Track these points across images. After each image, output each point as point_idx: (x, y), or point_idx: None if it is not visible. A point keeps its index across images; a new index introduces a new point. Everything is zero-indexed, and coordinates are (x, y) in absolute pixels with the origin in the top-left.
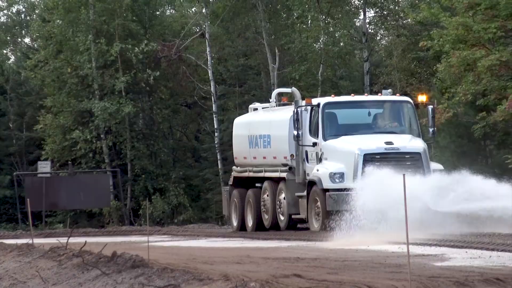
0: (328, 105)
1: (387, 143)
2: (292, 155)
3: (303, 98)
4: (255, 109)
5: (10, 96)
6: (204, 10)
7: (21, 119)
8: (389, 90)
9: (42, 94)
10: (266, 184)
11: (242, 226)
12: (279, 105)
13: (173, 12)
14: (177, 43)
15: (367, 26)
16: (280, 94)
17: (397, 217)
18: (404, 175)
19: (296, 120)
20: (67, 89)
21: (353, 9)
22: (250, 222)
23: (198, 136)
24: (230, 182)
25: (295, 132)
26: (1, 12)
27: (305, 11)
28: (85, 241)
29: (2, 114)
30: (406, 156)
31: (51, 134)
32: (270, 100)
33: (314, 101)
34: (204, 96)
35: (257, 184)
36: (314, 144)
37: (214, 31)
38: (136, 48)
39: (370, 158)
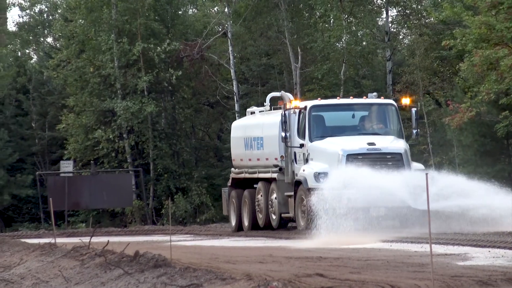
0: (314, 108)
1: (370, 144)
2: (282, 156)
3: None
4: (252, 113)
5: (33, 95)
6: (226, 10)
7: (43, 118)
8: (375, 94)
9: (65, 94)
10: (259, 184)
11: (240, 226)
12: (275, 108)
13: (196, 11)
14: (199, 42)
15: (390, 25)
16: (274, 98)
17: (378, 215)
18: (427, 174)
19: (284, 123)
20: (90, 88)
21: (375, 8)
22: (246, 222)
23: (220, 135)
24: (229, 183)
25: (283, 134)
26: (24, 12)
27: (327, 10)
28: (108, 240)
29: (24, 114)
30: (388, 157)
31: (73, 133)
32: (265, 104)
33: (302, 104)
34: (227, 95)
35: (255, 185)
36: (301, 146)
37: (236, 30)
38: (158, 47)
39: (352, 158)
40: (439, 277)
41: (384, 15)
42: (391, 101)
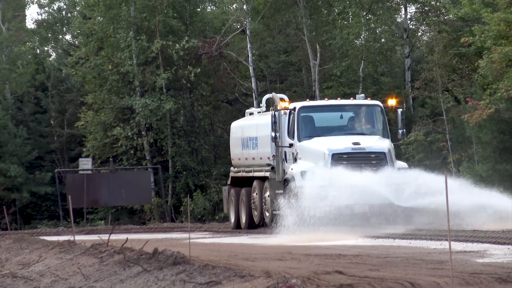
0: (303, 109)
1: (354, 143)
2: (274, 156)
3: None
4: (251, 114)
5: (51, 93)
6: (245, 7)
7: (62, 116)
8: (362, 95)
9: (83, 91)
10: (255, 183)
11: (238, 224)
12: (273, 110)
13: (214, 8)
14: (218, 39)
15: (408, 22)
16: (270, 99)
17: (360, 212)
18: (446, 176)
19: (274, 123)
20: (108, 86)
21: (394, 5)
22: (243, 219)
23: None
24: (229, 182)
25: (273, 134)
26: (42, 9)
27: (346, 7)
28: (127, 238)
29: (43, 111)
30: (372, 156)
31: (92, 131)
32: (261, 105)
33: (291, 106)
34: (245, 92)
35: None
36: (291, 145)
37: (255, 27)
38: (177, 44)
39: (337, 158)
40: (458, 274)
41: (403, 12)
42: (377, 102)
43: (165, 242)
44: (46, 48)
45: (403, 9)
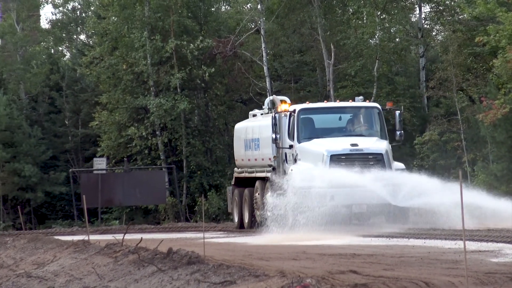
0: (302, 111)
1: (352, 144)
2: (275, 157)
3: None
4: (254, 115)
5: (66, 93)
6: (259, 6)
7: (76, 116)
8: (361, 97)
9: (98, 91)
10: (257, 183)
11: (242, 223)
12: (274, 111)
13: (228, 8)
14: (232, 39)
15: (423, 21)
16: (272, 101)
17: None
18: (460, 171)
19: (275, 125)
20: (123, 85)
21: (408, 4)
22: (246, 219)
23: None
24: (232, 182)
25: (273, 136)
26: (57, 9)
27: (360, 6)
28: (141, 237)
29: (58, 111)
30: (369, 157)
31: (106, 130)
32: (263, 107)
33: (291, 108)
34: (260, 92)
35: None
36: (291, 147)
37: (269, 27)
38: (191, 44)
39: (336, 159)
40: (473, 273)
41: (417, 12)
42: (375, 104)
43: (180, 241)
44: (60, 48)
45: (417, 9)
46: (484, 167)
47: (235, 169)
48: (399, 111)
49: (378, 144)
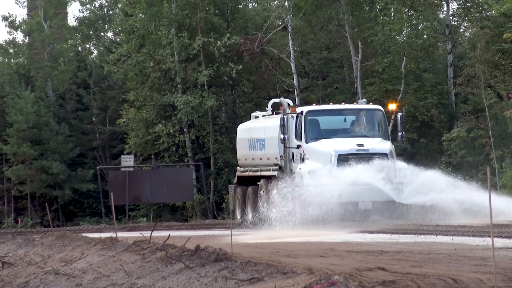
0: (310, 112)
1: (359, 145)
2: (281, 156)
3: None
4: (256, 117)
5: (93, 90)
6: (286, 3)
7: (104, 113)
8: (364, 100)
9: (125, 88)
10: (262, 181)
11: (244, 219)
12: (276, 113)
13: (256, 5)
14: (259, 36)
15: (451, 18)
16: (275, 104)
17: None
18: (487, 167)
19: (283, 126)
20: (150, 83)
21: (436, 1)
22: (250, 216)
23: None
24: (235, 181)
25: (282, 136)
26: (84, 7)
27: (388, 3)
28: (169, 234)
29: (85, 108)
30: (375, 156)
31: (134, 128)
32: (267, 109)
33: (298, 110)
34: (287, 89)
35: (258, 183)
36: (298, 147)
37: (296, 24)
38: (218, 41)
39: (343, 158)
40: (501, 270)
41: (445, 8)
42: (378, 106)
43: (207, 239)
44: (87, 46)
45: (445, 5)
46: None
47: (238, 168)
48: (400, 114)
49: (382, 145)
